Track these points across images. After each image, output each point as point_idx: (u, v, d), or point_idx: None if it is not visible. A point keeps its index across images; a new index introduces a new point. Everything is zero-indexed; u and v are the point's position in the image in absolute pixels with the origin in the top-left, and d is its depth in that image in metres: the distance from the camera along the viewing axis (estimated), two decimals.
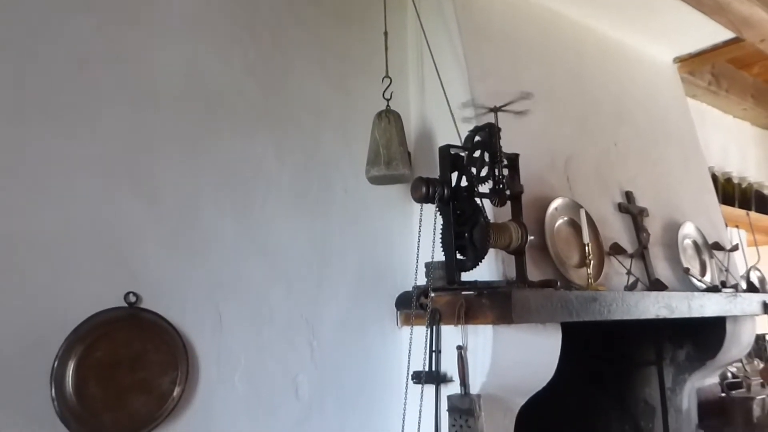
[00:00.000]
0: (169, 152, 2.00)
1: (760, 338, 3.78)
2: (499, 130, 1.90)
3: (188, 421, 1.90)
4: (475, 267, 1.86)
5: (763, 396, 3.39)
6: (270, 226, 2.17)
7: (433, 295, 1.90)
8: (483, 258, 1.85)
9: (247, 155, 2.16)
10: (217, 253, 2.04)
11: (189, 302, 1.95)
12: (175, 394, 1.85)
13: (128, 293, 1.83)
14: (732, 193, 4.43)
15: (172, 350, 1.86)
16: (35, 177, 1.75)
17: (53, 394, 1.67)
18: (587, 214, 2.46)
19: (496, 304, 2.01)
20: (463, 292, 2.14)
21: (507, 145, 2.02)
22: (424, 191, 1.81)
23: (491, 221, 1.89)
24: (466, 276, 1.91)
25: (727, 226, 3.59)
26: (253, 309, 2.09)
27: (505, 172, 1.94)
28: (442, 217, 1.88)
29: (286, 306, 2.16)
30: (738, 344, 3.22)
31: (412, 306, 2.01)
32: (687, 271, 2.86)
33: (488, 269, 2.13)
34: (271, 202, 2.19)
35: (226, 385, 1.99)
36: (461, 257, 1.86)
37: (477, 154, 1.91)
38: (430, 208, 2.04)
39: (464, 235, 1.85)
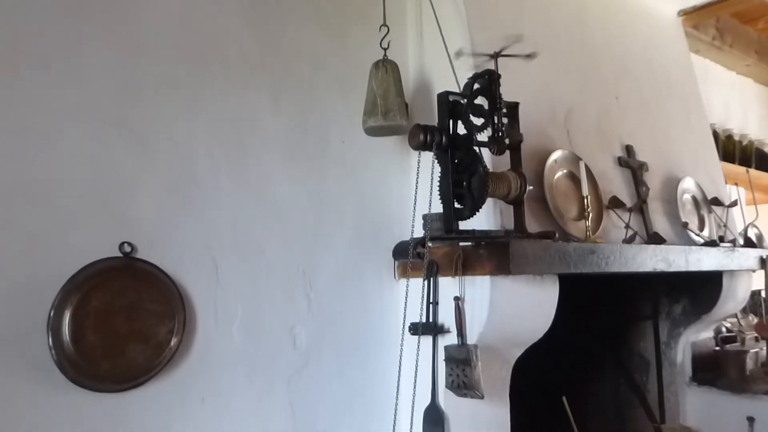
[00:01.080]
0: (162, 101, 1.95)
1: (755, 294, 3.80)
2: (499, 77, 1.86)
3: (186, 370, 1.91)
4: (473, 216, 1.84)
5: (757, 349, 3.42)
6: (266, 177, 2.14)
7: (430, 244, 1.89)
8: (480, 207, 1.83)
9: (242, 105, 2.12)
10: (212, 203, 2.02)
11: (184, 253, 1.94)
12: (172, 343, 1.85)
13: (123, 243, 1.82)
14: (732, 150, 4.40)
15: (169, 300, 1.86)
16: (27, 126, 1.72)
17: (50, 342, 1.67)
18: (587, 167, 2.44)
19: (494, 255, 2.01)
20: (461, 244, 2.14)
21: (506, 97, 1.97)
22: (422, 138, 1.78)
23: (490, 170, 1.86)
24: (463, 225, 1.89)
25: (726, 183, 3.57)
26: (250, 260, 2.08)
27: (505, 120, 1.91)
28: (440, 166, 1.85)
29: (283, 257, 2.15)
30: (734, 299, 3.24)
31: (409, 255, 2.00)
32: (685, 225, 2.85)
33: (486, 220, 2.11)
34: (266, 153, 2.16)
35: (223, 335, 1.99)
36: (459, 206, 1.83)
37: (476, 101, 1.86)
38: (428, 160, 2.02)
39: (462, 183, 1.83)
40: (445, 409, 2.19)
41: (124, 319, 1.77)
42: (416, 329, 2.22)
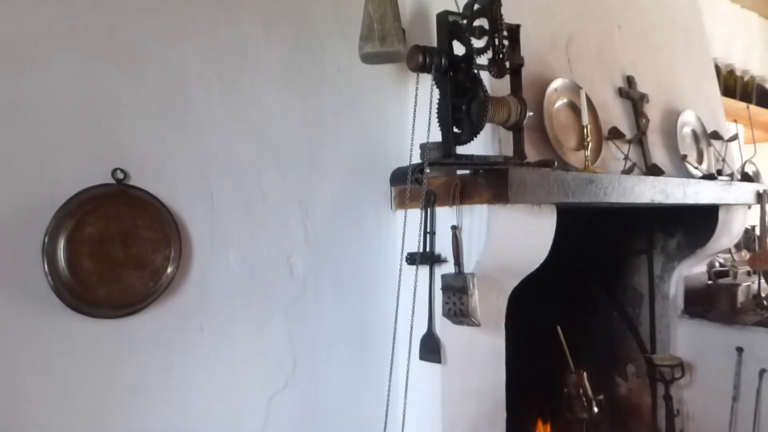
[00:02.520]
0: (153, 25, 1.88)
1: (749, 230, 3.82)
2: None
3: (184, 298, 1.91)
4: (471, 140, 1.81)
5: (748, 283, 3.47)
6: (260, 105, 2.09)
7: (428, 170, 1.86)
8: (479, 132, 1.79)
9: (233, 30, 2.05)
10: (205, 132, 1.97)
11: (178, 180, 1.91)
12: (168, 271, 1.84)
13: (115, 170, 1.78)
14: (733, 86, 4.34)
15: (164, 227, 1.84)
16: (14, 50, 1.65)
17: (46, 268, 1.66)
18: (587, 96, 2.39)
19: (492, 184, 1.98)
20: (459, 172, 2.12)
21: (507, 20, 1.90)
22: (421, 60, 1.73)
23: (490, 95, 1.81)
24: (461, 151, 1.85)
25: (725, 120, 3.53)
26: (245, 189, 2.05)
27: (505, 43, 1.85)
28: (439, 89, 1.80)
29: (279, 187, 2.12)
30: (728, 233, 3.26)
31: (407, 181, 1.97)
32: (684, 158, 2.83)
33: (484, 148, 2.08)
34: (260, 80, 2.10)
35: (220, 263, 1.98)
36: (457, 131, 1.80)
37: (476, 23, 1.80)
38: (426, 87, 1.97)
39: (461, 108, 1.79)
40: (442, 338, 2.21)
41: (119, 246, 1.75)
42: (413, 259, 2.22)
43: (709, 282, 3.48)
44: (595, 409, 2.52)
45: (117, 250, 1.75)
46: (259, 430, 2.08)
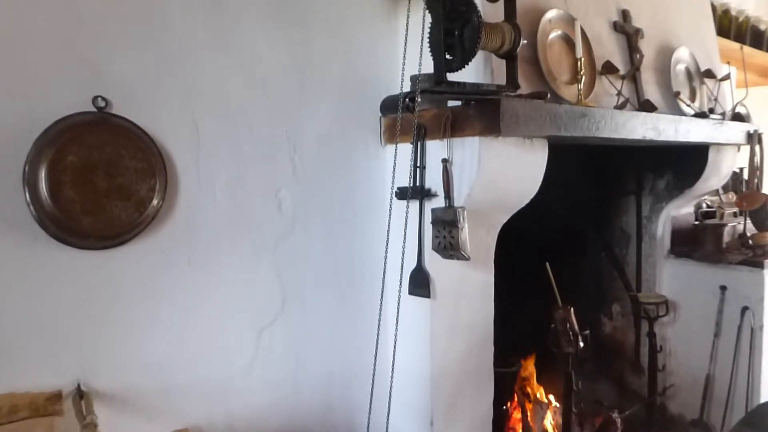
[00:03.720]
0: None
1: (736, 173, 3.83)
2: None
3: (170, 231, 1.88)
4: (463, 67, 1.76)
5: (735, 224, 3.49)
6: (245, 36, 2.02)
7: (419, 99, 1.82)
8: (472, 58, 1.74)
9: None
10: (189, 61, 1.91)
11: (162, 111, 1.85)
12: (154, 202, 1.81)
13: (96, 97, 1.72)
14: (728, 26, 4.26)
15: (148, 158, 1.79)
16: None
17: (28, 198, 1.62)
18: (582, 29, 2.33)
19: (484, 115, 1.95)
20: (450, 104, 2.08)
21: None
22: None
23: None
24: (453, 79, 1.81)
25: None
26: (232, 122, 2.00)
27: None
28: (431, 14, 1.74)
29: (266, 120, 2.07)
30: (717, 174, 3.26)
31: (398, 108, 1.93)
32: (677, 94, 2.80)
33: (476, 78, 2.03)
34: (245, 10, 2.01)
35: (207, 197, 1.95)
36: (449, 57, 1.75)
37: None
38: (418, 18, 1.90)
39: (454, 33, 1.73)
40: (431, 273, 2.22)
41: (103, 175, 1.71)
42: (403, 194, 2.20)
43: (696, 223, 3.50)
44: (581, 344, 2.56)
45: (100, 180, 1.71)
46: (248, 364, 2.09)
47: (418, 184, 2.18)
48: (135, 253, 1.81)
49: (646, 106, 2.57)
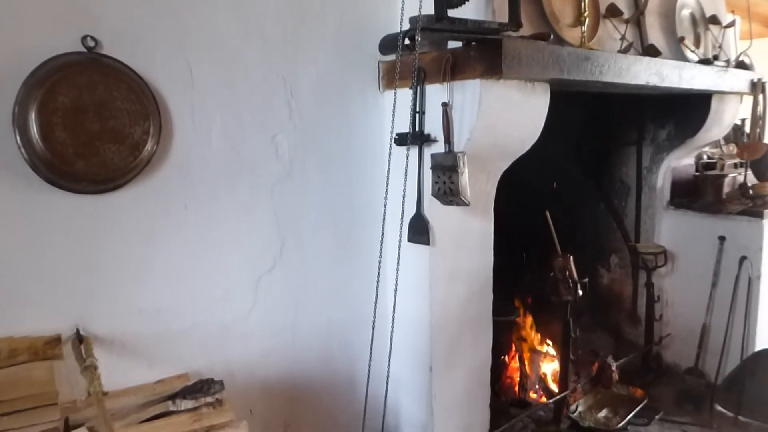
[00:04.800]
0: None
1: (737, 126, 3.79)
2: None
3: (166, 175, 1.85)
4: (464, 3, 1.70)
5: (735, 174, 3.47)
6: None
7: (419, 38, 1.76)
8: None
9: None
10: (182, 3, 1.84)
11: (154, 52, 1.79)
12: (148, 145, 1.77)
13: (85, 37, 1.67)
14: None
15: (141, 100, 1.74)
16: None
17: (18, 140, 1.58)
18: None
19: (485, 56, 1.90)
20: (450, 46, 2.02)
21: None
22: None
23: None
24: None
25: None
26: (226, 65, 1.95)
27: None
28: None
29: (262, 64, 2.02)
30: (719, 124, 3.22)
31: (397, 48, 1.87)
32: (682, 40, 2.74)
33: (476, 14, 1.97)
34: None
35: (202, 141, 1.91)
36: None
37: None
38: None
39: None
40: (430, 220, 2.20)
41: (95, 117, 1.67)
42: (403, 140, 2.16)
43: (697, 173, 3.48)
44: (580, 292, 2.57)
45: (93, 122, 1.67)
46: (248, 310, 2.09)
47: (417, 129, 2.14)
48: (130, 198, 1.78)
49: (650, 51, 2.51)
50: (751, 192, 3.26)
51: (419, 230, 2.21)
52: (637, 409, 2.83)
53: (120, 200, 1.77)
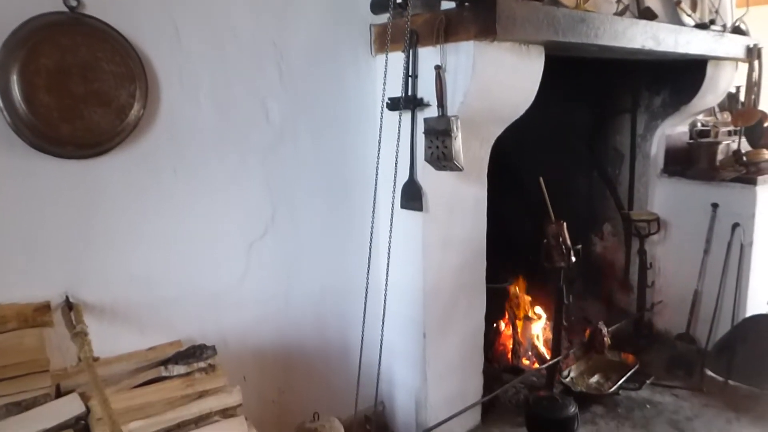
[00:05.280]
0: None
1: (731, 95, 3.76)
2: None
3: (154, 140, 1.81)
4: None
5: (729, 141, 3.46)
6: None
7: None
8: None
9: None
10: None
11: (139, 11, 1.74)
12: (135, 108, 1.73)
13: None
14: None
15: (126, 62, 1.70)
16: None
17: (0, 103, 1.54)
18: None
19: (479, 17, 1.86)
20: (443, 7, 1.98)
21: None
22: None
23: None
24: None
25: None
26: (214, 26, 1.90)
27: None
28: None
29: (251, 25, 1.97)
30: (714, 90, 3.20)
31: (389, 7, 1.83)
32: (678, 3, 2.70)
33: None
34: None
35: (191, 105, 1.87)
36: None
37: None
38: None
39: None
40: (424, 186, 2.18)
41: (79, 79, 1.62)
42: (395, 104, 2.13)
43: (690, 141, 3.46)
44: (573, 258, 2.56)
45: (77, 85, 1.62)
46: (239, 277, 2.07)
47: (410, 93, 2.10)
48: (118, 163, 1.75)
49: (647, 14, 2.48)
50: (744, 159, 3.25)
51: (412, 196, 2.19)
52: (629, 374, 2.85)
53: (107, 165, 1.73)
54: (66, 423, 1.44)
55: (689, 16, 2.78)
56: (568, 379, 2.83)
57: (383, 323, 2.16)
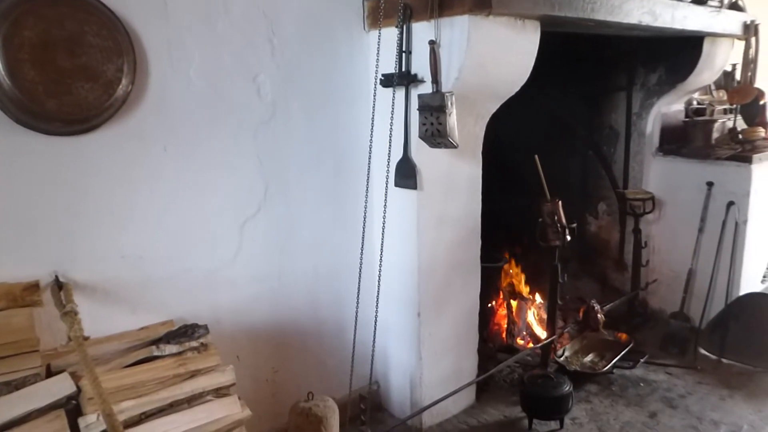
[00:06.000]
0: None
1: (727, 73, 3.73)
2: None
3: (143, 115, 1.78)
4: None
5: (724, 119, 3.44)
6: None
7: None
8: None
9: None
10: None
11: None
12: (123, 83, 1.69)
13: None
14: None
15: (114, 36, 1.66)
16: None
17: None
18: None
19: None
20: None
21: None
22: None
23: None
24: None
25: None
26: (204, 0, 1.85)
27: None
28: None
29: None
30: (711, 67, 3.17)
31: None
32: None
33: None
34: None
35: (180, 79, 1.83)
36: None
37: None
38: None
39: None
40: (418, 163, 2.15)
41: (65, 53, 1.58)
42: (389, 81, 2.10)
43: (686, 119, 3.44)
44: (568, 237, 2.55)
45: (63, 58, 1.58)
46: (232, 256, 2.05)
47: (404, 69, 2.07)
48: (107, 139, 1.71)
49: None
50: (740, 137, 3.24)
51: (406, 174, 2.17)
52: (623, 353, 2.86)
53: (96, 142, 1.70)
54: (57, 402, 1.43)
55: None
56: (562, 358, 2.83)
57: (377, 302, 2.15)
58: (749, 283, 3.25)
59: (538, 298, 3.15)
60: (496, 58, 2.03)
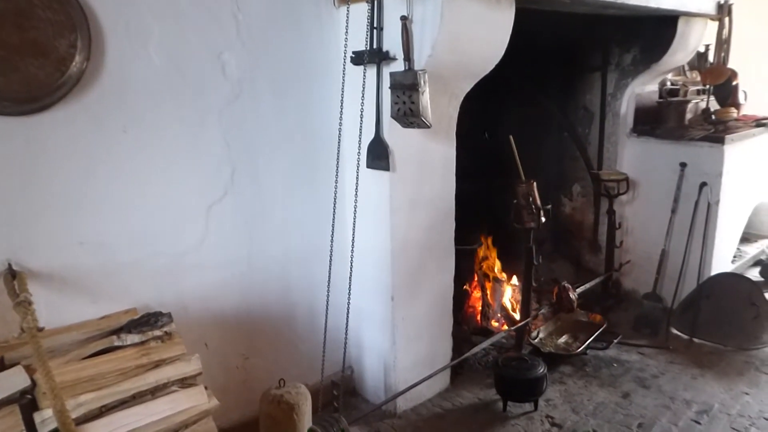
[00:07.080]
0: None
1: (701, 54, 3.72)
2: None
3: (100, 95, 1.69)
4: None
5: (698, 100, 3.44)
6: None
7: None
8: None
9: None
10: None
11: None
12: (77, 60, 1.60)
13: None
14: None
15: (65, 9, 1.56)
16: None
17: None
18: None
19: None
20: None
21: None
22: None
23: None
24: None
25: None
26: None
27: None
28: None
29: None
30: (685, 47, 3.16)
31: None
32: None
33: None
34: None
35: (139, 56, 1.74)
36: None
37: None
38: None
39: None
40: (390, 144, 2.09)
41: (12, 28, 1.49)
42: (359, 58, 2.03)
43: (660, 100, 3.43)
44: (543, 219, 2.52)
45: (10, 34, 1.49)
46: (199, 240, 1.98)
47: (375, 46, 2.00)
48: (61, 119, 1.62)
49: None
50: (713, 117, 3.24)
51: (378, 155, 2.11)
52: (597, 334, 2.86)
53: (49, 122, 1.61)
54: (10, 397, 1.35)
55: None
56: (537, 340, 2.83)
57: (350, 286, 2.10)
58: (720, 264, 3.28)
59: (513, 280, 3.13)
60: (470, 34, 1.97)
